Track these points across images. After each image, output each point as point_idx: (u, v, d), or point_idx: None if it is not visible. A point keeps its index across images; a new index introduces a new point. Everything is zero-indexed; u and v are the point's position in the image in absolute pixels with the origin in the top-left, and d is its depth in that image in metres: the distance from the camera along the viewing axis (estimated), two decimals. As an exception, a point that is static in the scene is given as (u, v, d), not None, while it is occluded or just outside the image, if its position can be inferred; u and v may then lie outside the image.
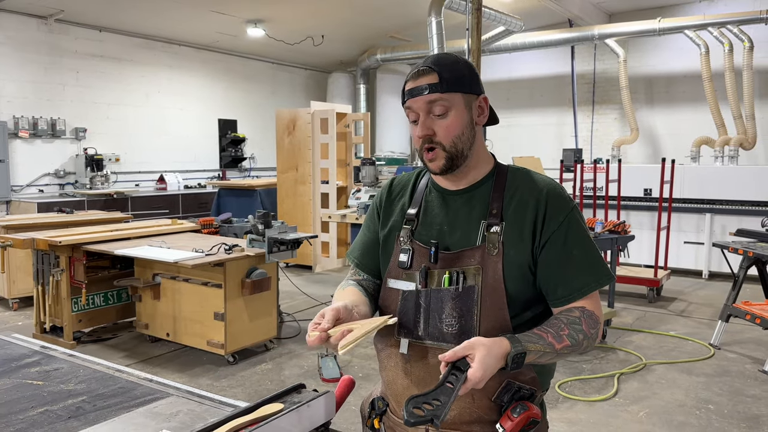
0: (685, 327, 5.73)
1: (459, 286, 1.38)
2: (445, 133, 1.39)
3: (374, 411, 1.56)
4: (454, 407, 1.37)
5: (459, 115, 1.39)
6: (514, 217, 1.40)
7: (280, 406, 1.40)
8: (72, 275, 4.90)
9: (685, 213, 7.95)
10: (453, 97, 1.38)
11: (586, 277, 1.38)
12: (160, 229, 5.68)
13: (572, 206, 1.42)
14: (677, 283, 7.48)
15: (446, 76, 1.37)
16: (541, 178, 1.46)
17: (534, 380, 1.38)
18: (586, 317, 1.36)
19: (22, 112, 8.51)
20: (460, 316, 1.37)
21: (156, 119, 10.31)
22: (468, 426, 1.38)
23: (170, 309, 4.79)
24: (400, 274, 1.46)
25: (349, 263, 1.66)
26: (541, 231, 1.39)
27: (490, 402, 1.36)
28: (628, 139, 9.93)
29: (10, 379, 1.74)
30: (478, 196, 1.45)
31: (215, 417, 1.36)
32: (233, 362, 4.62)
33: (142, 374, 1.78)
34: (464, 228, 1.43)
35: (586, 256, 1.40)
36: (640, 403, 3.99)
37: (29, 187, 8.69)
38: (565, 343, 1.31)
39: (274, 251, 4.77)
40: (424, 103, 1.38)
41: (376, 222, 1.60)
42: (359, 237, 1.66)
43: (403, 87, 1.44)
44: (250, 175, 11.97)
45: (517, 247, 1.38)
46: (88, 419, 1.48)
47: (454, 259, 1.40)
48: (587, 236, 1.42)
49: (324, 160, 8.16)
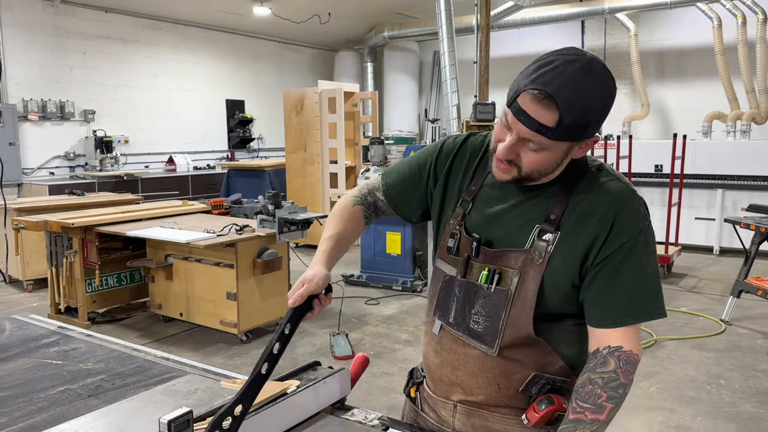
0: (696, 303, 5.72)
1: (492, 287, 1.31)
2: (530, 165, 1.24)
3: (412, 380, 1.56)
4: (480, 393, 1.37)
5: (553, 155, 1.23)
6: (572, 229, 1.27)
7: (297, 383, 1.42)
8: (85, 257, 4.94)
9: (697, 189, 7.88)
10: (558, 144, 1.21)
11: (628, 308, 1.24)
12: (171, 210, 5.71)
13: (641, 227, 1.26)
14: (688, 260, 7.45)
15: (567, 123, 1.15)
16: (616, 186, 1.29)
17: (564, 370, 1.33)
18: (623, 365, 1.22)
19: (30, 95, 8.52)
20: (488, 316, 1.32)
21: (164, 100, 10.29)
22: (496, 408, 1.37)
23: (183, 289, 4.84)
24: (446, 256, 1.41)
25: (380, 179, 1.57)
26: (599, 251, 1.25)
27: (518, 392, 1.34)
28: (639, 115, 9.82)
29: (30, 359, 1.77)
30: (540, 196, 1.32)
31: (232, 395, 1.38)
32: (246, 341, 4.67)
33: (158, 353, 1.81)
34: (515, 226, 1.33)
35: (637, 286, 1.24)
36: (651, 378, 4.00)
37: (40, 169, 8.74)
38: (609, 408, 1.20)
39: (284, 231, 4.79)
40: (523, 132, 1.19)
41: (427, 175, 1.49)
42: (402, 168, 1.54)
43: (518, 83, 1.20)
44: (258, 156, 11.96)
45: (565, 262, 1.27)
46: (107, 397, 1.51)
47: (495, 257, 1.33)
48: (648, 262, 1.26)
49: (332, 140, 8.13)
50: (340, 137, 8.08)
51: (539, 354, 1.32)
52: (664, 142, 7.82)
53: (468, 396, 1.39)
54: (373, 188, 1.56)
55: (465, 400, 1.39)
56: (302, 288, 1.29)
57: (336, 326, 4.94)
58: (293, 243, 7.34)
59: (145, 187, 9.03)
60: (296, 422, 1.36)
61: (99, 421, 1.35)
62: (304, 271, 1.35)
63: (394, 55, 12.24)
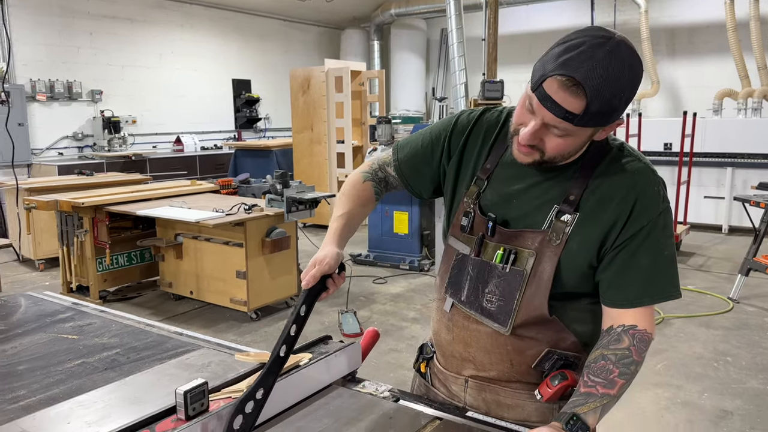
0: (703, 281, 5.72)
1: (507, 267, 1.30)
2: (554, 150, 1.22)
3: (422, 355, 1.57)
4: (493, 369, 1.38)
5: (578, 140, 1.22)
6: (591, 211, 1.26)
7: (309, 355, 1.44)
8: (96, 236, 4.99)
9: (706, 167, 7.83)
10: (584, 129, 1.18)
11: (644, 290, 1.24)
12: (180, 189, 5.74)
13: (661, 210, 1.25)
14: (696, 238, 7.43)
15: (594, 110, 1.12)
16: (636, 167, 1.28)
17: (576, 345, 1.34)
18: (637, 343, 1.23)
19: (38, 75, 8.52)
20: (502, 296, 1.31)
21: (170, 80, 10.27)
22: (507, 383, 1.38)
23: (193, 268, 4.88)
24: (459, 234, 1.40)
25: (391, 153, 1.54)
26: (618, 235, 1.24)
27: (531, 368, 1.35)
28: (649, 93, 9.73)
29: (46, 334, 1.80)
30: (560, 176, 1.30)
31: (245, 368, 1.41)
32: (256, 319, 4.73)
33: (172, 328, 1.84)
34: (533, 206, 1.31)
35: (654, 268, 1.25)
36: (658, 355, 4.02)
37: (49, 150, 8.77)
38: (620, 383, 1.21)
39: (292, 211, 4.81)
40: (548, 118, 1.16)
41: (440, 151, 1.46)
42: (415, 143, 1.51)
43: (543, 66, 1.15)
44: (265, 136, 11.95)
45: (584, 244, 1.26)
46: (123, 370, 1.54)
47: (511, 237, 1.31)
48: (666, 245, 1.26)
49: (339, 120, 8.11)
50: (346, 117, 8.06)
51: (552, 331, 1.32)
52: (674, 120, 7.75)
53: (480, 372, 1.40)
54: (383, 163, 1.54)
55: (477, 376, 1.41)
56: (315, 269, 1.29)
57: (344, 305, 4.97)
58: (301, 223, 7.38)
59: (153, 167, 9.06)
60: (309, 393, 1.38)
61: (116, 393, 1.38)
62: (314, 251, 1.36)
63: (401, 33, 12.14)
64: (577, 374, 1.31)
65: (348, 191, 1.53)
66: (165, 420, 1.16)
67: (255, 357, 1.51)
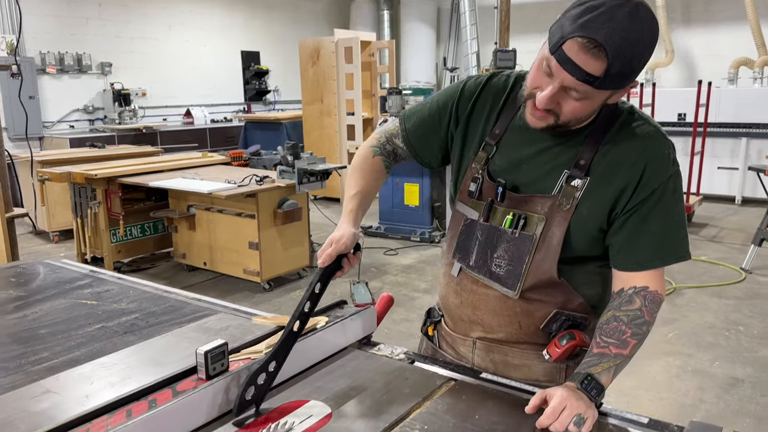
0: (716, 252, 5.70)
1: (517, 232, 1.31)
2: (570, 113, 1.21)
3: (429, 319, 1.59)
4: (501, 331, 1.39)
5: (594, 104, 1.21)
6: (602, 176, 1.26)
7: (325, 319, 1.46)
8: (109, 207, 5.03)
9: (720, 137, 7.74)
10: (602, 92, 1.17)
11: (655, 253, 1.25)
12: (192, 161, 5.76)
13: (671, 173, 1.25)
14: (709, 209, 7.38)
15: (614, 72, 1.11)
16: (647, 131, 1.27)
17: (584, 306, 1.35)
18: (648, 303, 1.25)
19: (47, 48, 8.51)
20: (511, 260, 1.32)
21: (179, 52, 10.22)
22: (516, 344, 1.40)
23: (206, 239, 4.92)
24: (467, 200, 1.40)
25: (398, 124, 1.53)
26: (629, 199, 1.25)
27: (539, 330, 1.36)
28: (663, 62, 9.57)
29: (66, 299, 1.83)
30: (570, 141, 1.29)
31: (263, 330, 1.43)
32: (269, 289, 4.77)
33: (189, 294, 1.87)
34: (543, 171, 1.31)
35: (665, 231, 1.25)
36: (670, 325, 4.03)
37: (60, 123, 8.80)
38: (633, 343, 1.23)
39: (303, 182, 4.82)
40: (568, 81, 1.15)
41: (448, 118, 1.45)
42: (422, 112, 1.50)
43: (562, 28, 1.13)
44: (274, 108, 11.91)
45: (593, 209, 1.26)
46: (142, 334, 1.57)
47: (521, 202, 1.32)
48: (676, 208, 1.27)
49: (349, 91, 8.06)
50: (357, 88, 8.01)
51: (561, 293, 1.34)
52: (688, 90, 7.64)
53: (488, 334, 1.42)
54: (391, 135, 1.53)
55: (485, 337, 1.43)
56: (331, 248, 1.31)
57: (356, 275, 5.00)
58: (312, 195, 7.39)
59: (163, 140, 9.07)
60: (325, 356, 1.40)
61: (136, 355, 1.41)
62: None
63: (411, 2, 11.97)
64: (584, 334, 1.33)
65: (359, 167, 1.52)
66: (186, 380, 1.18)
67: (273, 320, 1.54)
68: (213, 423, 1.14)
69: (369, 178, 1.50)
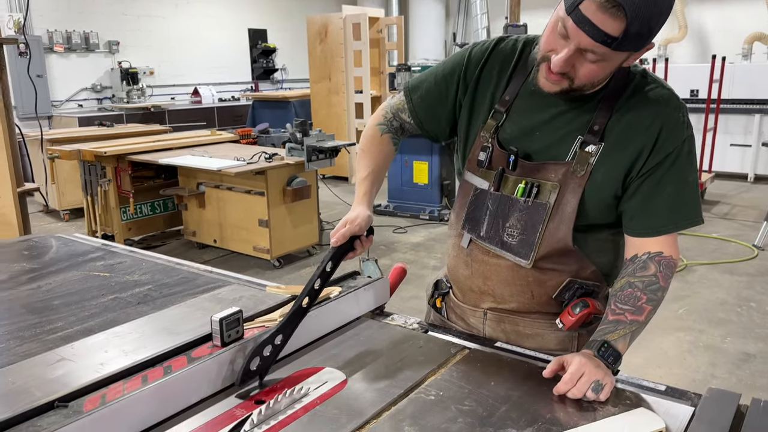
0: (728, 229, 5.65)
1: (530, 200, 1.29)
2: (586, 76, 1.18)
3: (437, 291, 1.58)
4: (513, 301, 1.38)
5: (610, 66, 1.18)
6: (616, 140, 1.24)
7: (339, 289, 1.46)
8: (119, 185, 5.04)
9: (733, 114, 7.64)
10: (619, 54, 1.14)
11: (669, 217, 1.24)
12: (201, 139, 5.75)
13: (686, 136, 1.24)
14: (721, 187, 7.32)
15: (632, 32, 1.08)
16: (660, 94, 1.26)
17: (596, 274, 1.34)
18: (663, 269, 1.23)
19: (54, 26, 8.48)
20: (523, 230, 1.30)
21: (186, 31, 10.16)
22: (527, 314, 1.39)
23: (216, 217, 4.93)
24: (476, 170, 1.37)
25: (404, 97, 1.48)
26: (644, 163, 1.23)
27: (551, 299, 1.36)
28: (676, 37, 9.43)
29: (79, 271, 1.84)
30: (583, 106, 1.27)
31: (277, 300, 1.43)
32: (279, 266, 4.79)
33: (202, 266, 1.86)
34: (556, 137, 1.28)
35: (679, 195, 1.24)
36: (681, 301, 4.01)
37: (68, 102, 8.80)
38: (648, 309, 1.22)
39: (312, 159, 4.80)
40: (585, 42, 1.11)
41: (456, 86, 1.41)
42: (428, 82, 1.45)
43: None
44: (282, 87, 11.85)
45: (608, 174, 1.25)
46: (156, 305, 1.57)
47: (534, 170, 1.29)
48: (689, 171, 1.25)
49: (357, 68, 7.99)
50: (365, 65, 7.94)
51: (574, 261, 1.32)
52: (702, 66, 7.53)
53: (499, 304, 1.41)
54: (397, 110, 1.49)
55: (496, 308, 1.42)
56: (345, 228, 1.30)
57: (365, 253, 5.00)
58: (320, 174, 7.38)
59: (171, 119, 9.06)
60: (339, 325, 1.40)
61: (150, 325, 1.41)
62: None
63: (420, -22, 11.82)
64: (598, 302, 1.33)
65: (368, 148, 1.50)
66: (201, 347, 1.18)
67: (287, 289, 1.53)
68: (227, 390, 1.14)
69: (378, 159, 1.49)
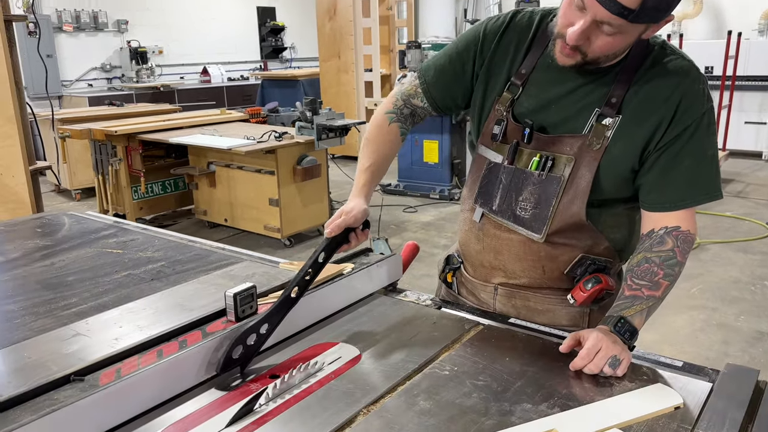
0: (742, 208, 5.60)
1: (544, 174, 1.27)
2: (600, 49, 1.16)
3: (448, 266, 1.57)
4: (524, 276, 1.37)
5: (627, 39, 1.15)
6: (634, 113, 1.22)
7: (351, 265, 1.45)
8: (130, 164, 5.05)
9: (748, 91, 7.52)
10: (636, 26, 1.12)
11: (687, 191, 1.22)
12: (211, 118, 5.74)
13: (705, 109, 1.22)
14: (735, 165, 7.23)
15: (650, 4, 1.05)
16: (680, 65, 1.23)
17: (609, 250, 1.33)
18: (680, 243, 1.21)
19: (63, 5, 8.45)
20: (537, 203, 1.29)
21: (195, 9, 10.09)
22: (538, 290, 1.38)
23: (226, 196, 4.93)
24: (490, 143, 1.36)
25: (416, 78, 1.46)
26: (662, 135, 1.21)
27: (563, 274, 1.35)
28: (690, 13, 9.25)
29: (92, 248, 1.84)
30: (601, 79, 1.25)
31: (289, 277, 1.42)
32: (289, 245, 4.80)
33: (214, 243, 1.86)
34: (574, 111, 1.27)
35: (697, 168, 1.22)
36: (693, 279, 3.99)
37: (78, 81, 8.80)
38: (665, 285, 1.20)
39: (323, 138, 4.78)
40: (601, 14, 1.09)
41: (472, 62, 1.38)
42: (441, 61, 1.43)
43: None
44: (291, 66, 11.78)
45: (625, 147, 1.23)
46: (169, 281, 1.57)
47: (549, 143, 1.28)
48: (708, 145, 1.23)
49: (367, 46, 7.92)
50: (374, 43, 7.87)
51: (587, 237, 1.31)
52: (716, 42, 7.40)
53: (510, 279, 1.40)
54: (408, 96, 1.46)
55: (506, 283, 1.41)
56: (340, 219, 1.27)
57: (376, 232, 5.01)
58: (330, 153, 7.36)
59: (181, 98, 9.04)
60: (352, 301, 1.40)
61: (163, 301, 1.42)
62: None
63: (430, -47, 11.61)
64: (610, 278, 1.32)
65: (373, 139, 1.46)
66: (215, 321, 1.19)
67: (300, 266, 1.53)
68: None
69: (383, 150, 1.45)
